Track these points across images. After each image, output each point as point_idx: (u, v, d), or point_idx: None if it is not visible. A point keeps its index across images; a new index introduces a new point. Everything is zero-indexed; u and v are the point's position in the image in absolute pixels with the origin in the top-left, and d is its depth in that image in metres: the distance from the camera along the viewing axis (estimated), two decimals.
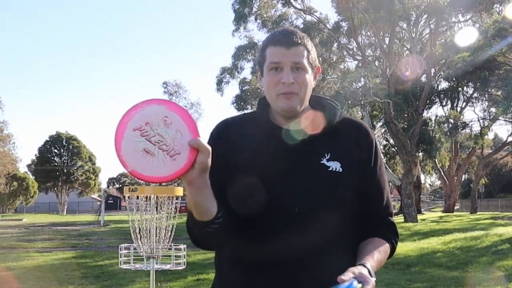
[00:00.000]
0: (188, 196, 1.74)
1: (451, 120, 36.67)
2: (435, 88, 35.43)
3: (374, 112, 38.05)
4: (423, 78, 32.27)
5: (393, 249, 2.03)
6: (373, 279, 1.74)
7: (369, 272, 1.75)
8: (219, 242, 1.93)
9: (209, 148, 1.63)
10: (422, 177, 49.87)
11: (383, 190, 2.04)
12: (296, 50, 1.89)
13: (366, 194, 1.98)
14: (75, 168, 73.44)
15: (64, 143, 74.78)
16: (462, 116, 38.52)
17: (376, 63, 32.55)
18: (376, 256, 1.88)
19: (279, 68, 1.89)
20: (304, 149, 1.92)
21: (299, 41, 1.90)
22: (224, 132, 2.01)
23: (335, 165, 1.91)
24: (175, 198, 6.31)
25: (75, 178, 73.43)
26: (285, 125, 1.96)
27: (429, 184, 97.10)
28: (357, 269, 1.72)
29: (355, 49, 32.62)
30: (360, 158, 1.97)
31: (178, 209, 6.53)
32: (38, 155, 74.88)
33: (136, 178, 1.66)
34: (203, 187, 1.70)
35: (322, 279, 1.81)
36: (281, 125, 1.96)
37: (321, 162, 1.91)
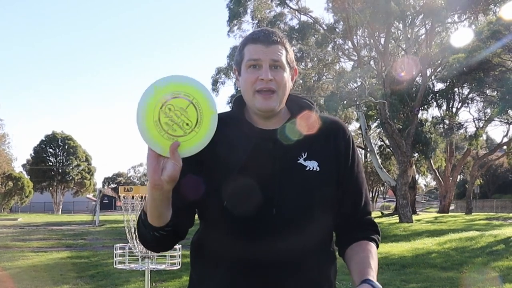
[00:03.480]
0: (150, 200, 1.73)
1: (446, 121, 36.72)
2: (431, 88, 35.43)
3: (370, 112, 38.02)
4: (419, 79, 32.29)
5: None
6: None
7: None
8: (162, 248, 1.95)
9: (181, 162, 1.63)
10: (417, 177, 49.88)
11: (362, 189, 2.03)
12: (275, 48, 1.89)
13: (346, 192, 1.97)
14: (71, 167, 73.31)
15: (60, 143, 74.63)
16: (457, 117, 38.59)
17: (372, 63, 32.52)
18: (373, 265, 1.87)
19: (257, 65, 1.88)
20: (280, 149, 1.91)
21: (278, 40, 1.90)
22: None
23: (312, 165, 1.91)
24: None
25: (70, 177, 73.29)
26: (261, 125, 1.95)
27: (424, 185, 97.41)
28: None
29: (350, 50, 32.61)
30: (337, 157, 1.96)
31: None
32: (33, 154, 74.73)
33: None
34: (167, 195, 1.70)
35: (303, 282, 1.84)
36: (258, 125, 1.95)
37: (298, 161, 1.90)
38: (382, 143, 45.56)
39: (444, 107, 38.92)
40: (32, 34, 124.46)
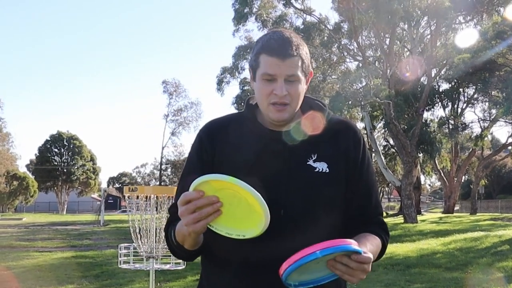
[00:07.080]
0: (187, 238, 1.81)
1: (451, 121, 36.65)
2: (436, 89, 35.36)
3: (375, 112, 38.00)
4: (424, 79, 32.25)
5: (383, 247, 1.99)
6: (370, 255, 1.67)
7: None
8: (198, 255, 2.01)
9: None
10: (422, 178, 49.86)
11: (372, 190, 2.02)
12: (291, 62, 1.84)
13: (355, 194, 1.96)
14: (76, 167, 73.44)
15: (65, 143, 74.83)
16: (462, 118, 38.52)
17: (377, 63, 32.49)
18: (368, 246, 1.80)
19: (272, 79, 1.85)
20: (290, 151, 1.91)
21: (295, 53, 1.85)
22: (210, 134, 2.01)
23: (321, 166, 1.90)
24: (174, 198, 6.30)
25: (75, 177, 73.44)
26: (272, 126, 1.94)
27: (429, 185, 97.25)
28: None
29: (355, 50, 32.55)
30: (347, 158, 1.95)
31: None
32: (38, 154, 74.90)
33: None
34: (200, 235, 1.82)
35: None
36: (268, 126, 1.95)
37: (308, 163, 1.90)
38: (387, 143, 45.52)
39: (449, 108, 38.84)
40: (38, 33, 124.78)
